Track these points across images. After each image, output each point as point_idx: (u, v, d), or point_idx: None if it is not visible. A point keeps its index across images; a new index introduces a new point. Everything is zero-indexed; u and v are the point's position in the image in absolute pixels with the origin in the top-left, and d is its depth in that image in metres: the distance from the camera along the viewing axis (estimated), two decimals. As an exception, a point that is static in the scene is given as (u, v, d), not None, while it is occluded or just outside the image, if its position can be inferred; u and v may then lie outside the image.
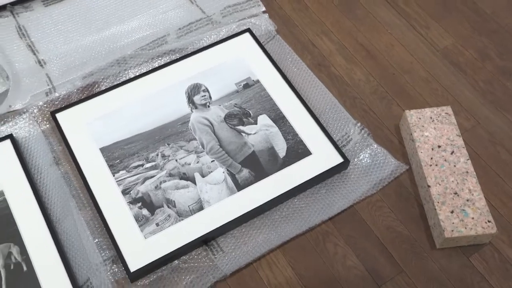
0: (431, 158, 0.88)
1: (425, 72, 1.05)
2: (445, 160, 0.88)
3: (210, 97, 0.97)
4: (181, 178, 0.88)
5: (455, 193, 0.85)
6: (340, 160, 0.90)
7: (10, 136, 0.90)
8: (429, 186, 0.86)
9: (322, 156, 0.91)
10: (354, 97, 1.02)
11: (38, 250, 0.80)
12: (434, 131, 0.91)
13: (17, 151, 0.88)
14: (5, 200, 0.84)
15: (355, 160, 0.93)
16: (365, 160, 0.93)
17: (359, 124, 0.96)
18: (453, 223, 0.82)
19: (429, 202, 0.86)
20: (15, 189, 0.85)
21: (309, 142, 0.92)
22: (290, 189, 0.87)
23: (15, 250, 0.80)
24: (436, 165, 0.88)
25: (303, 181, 0.88)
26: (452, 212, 0.83)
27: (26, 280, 0.78)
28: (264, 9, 1.12)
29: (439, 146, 0.90)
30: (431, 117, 0.93)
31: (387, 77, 1.05)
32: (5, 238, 0.81)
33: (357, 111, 1.00)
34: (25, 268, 0.78)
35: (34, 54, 1.02)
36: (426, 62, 1.07)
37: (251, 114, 0.95)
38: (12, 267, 0.79)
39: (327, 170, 0.89)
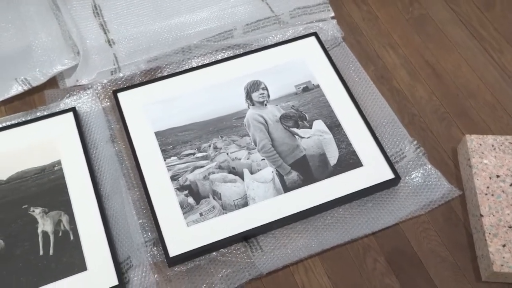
0: (488, 187, 0.85)
1: (491, 97, 1.01)
2: (503, 191, 0.85)
3: (269, 96, 0.97)
4: (229, 172, 0.89)
5: (510, 227, 0.81)
6: (391, 175, 0.88)
7: (73, 109, 0.93)
8: (481, 216, 0.82)
9: (373, 169, 0.89)
10: (413, 114, 0.99)
11: (86, 222, 0.82)
12: (494, 159, 0.88)
13: (77, 124, 0.92)
14: (61, 170, 0.87)
15: (407, 178, 0.91)
16: (417, 179, 0.91)
17: (415, 142, 0.94)
18: (503, 257, 0.79)
19: (479, 231, 0.83)
20: (72, 161, 0.88)
21: (362, 154, 0.91)
22: (337, 198, 0.86)
23: (64, 218, 0.83)
24: (492, 195, 0.84)
25: (351, 191, 0.87)
26: (504, 246, 0.80)
27: (71, 248, 0.80)
28: (333, 14, 1.11)
29: (497, 176, 0.86)
30: (492, 145, 0.89)
31: (450, 98, 1.02)
32: (57, 205, 0.84)
33: (414, 129, 0.97)
34: (71, 237, 0.81)
35: (105, 33, 1.05)
36: (494, 87, 1.03)
37: (307, 118, 0.95)
38: (60, 234, 0.82)
39: (376, 184, 0.87)
